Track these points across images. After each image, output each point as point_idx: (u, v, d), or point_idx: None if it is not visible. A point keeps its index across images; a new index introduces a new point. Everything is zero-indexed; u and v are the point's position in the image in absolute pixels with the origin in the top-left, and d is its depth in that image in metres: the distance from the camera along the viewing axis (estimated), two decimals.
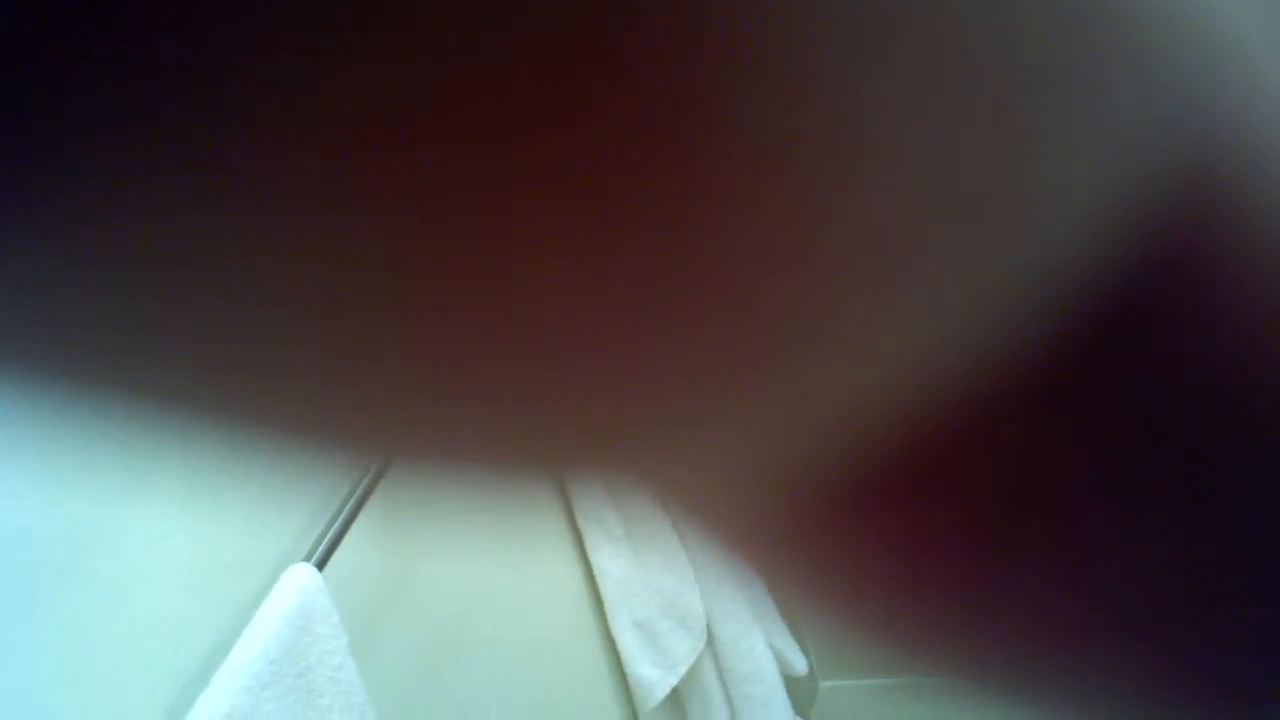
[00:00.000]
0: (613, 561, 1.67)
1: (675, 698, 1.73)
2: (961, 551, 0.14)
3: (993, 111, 0.09)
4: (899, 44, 0.09)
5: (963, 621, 0.15)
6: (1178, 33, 0.11)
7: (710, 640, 1.73)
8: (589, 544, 1.68)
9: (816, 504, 0.13)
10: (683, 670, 1.67)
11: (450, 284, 0.09)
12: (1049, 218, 0.11)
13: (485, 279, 0.09)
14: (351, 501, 1.12)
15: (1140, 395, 0.13)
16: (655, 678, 1.67)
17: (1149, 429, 0.13)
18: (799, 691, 1.90)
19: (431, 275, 0.09)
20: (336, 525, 1.10)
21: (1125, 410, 0.13)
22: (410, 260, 0.08)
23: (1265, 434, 0.14)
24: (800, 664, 1.86)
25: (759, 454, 0.12)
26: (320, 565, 1.06)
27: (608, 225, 0.09)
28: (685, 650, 1.68)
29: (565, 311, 0.09)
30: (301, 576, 1.03)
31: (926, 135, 0.09)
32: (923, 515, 0.14)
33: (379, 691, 1.10)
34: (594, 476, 0.12)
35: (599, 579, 1.68)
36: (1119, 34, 0.10)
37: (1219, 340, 0.13)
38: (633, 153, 0.08)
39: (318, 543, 1.08)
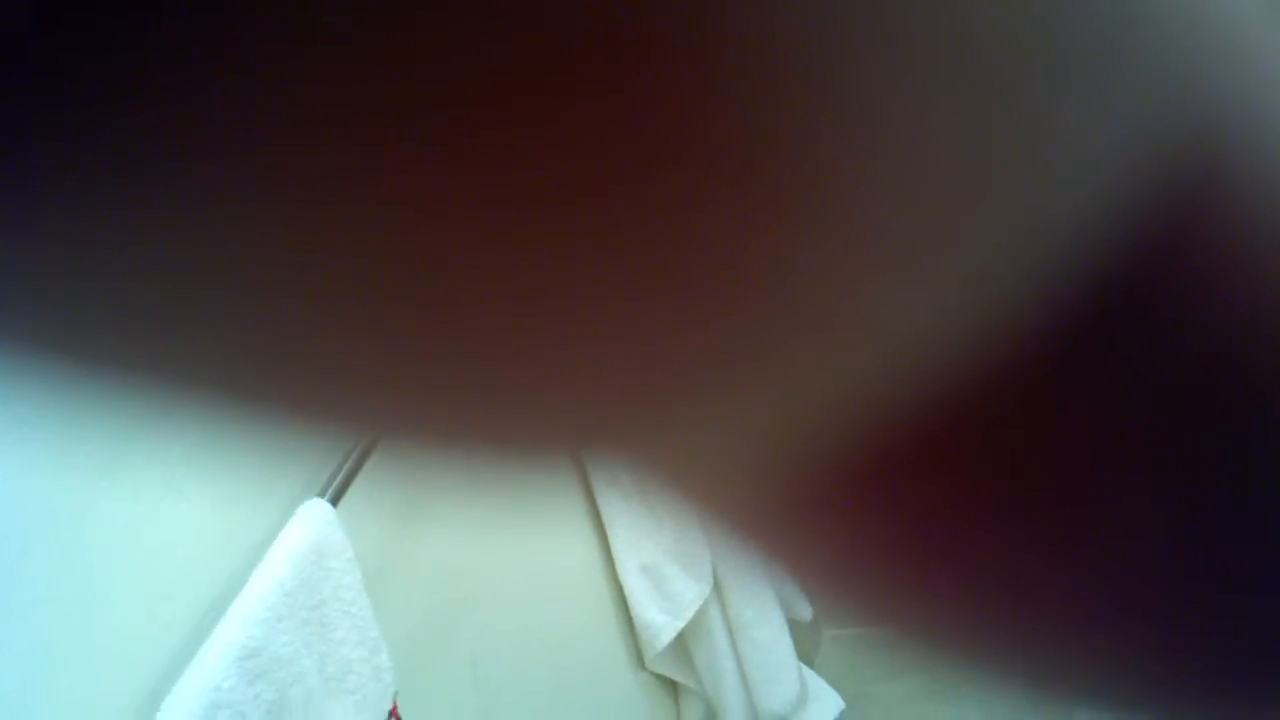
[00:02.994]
0: (620, 505, 1.68)
1: (681, 642, 1.74)
2: (964, 533, 0.14)
3: (994, 95, 0.09)
4: (903, 31, 0.09)
5: (965, 602, 0.15)
6: (1178, 13, 0.11)
7: (716, 585, 1.73)
8: (597, 488, 1.69)
9: (820, 486, 0.13)
10: (689, 615, 1.68)
11: (461, 274, 0.09)
12: (1050, 199, 0.11)
13: (497, 268, 0.09)
14: (366, 438, 1.11)
15: (1142, 376, 0.13)
16: (661, 622, 1.68)
17: (1151, 409, 0.13)
18: (804, 638, 1.91)
19: (444, 266, 0.09)
20: (350, 462, 1.10)
21: (1127, 391, 0.13)
22: (423, 250, 0.09)
23: (1267, 413, 0.14)
24: (806, 610, 1.87)
25: (763, 436, 0.12)
26: (334, 501, 1.06)
27: (614, 214, 0.09)
28: (692, 595, 1.69)
29: (571, 297, 0.09)
30: (316, 511, 1.03)
31: (929, 121, 0.09)
32: (926, 497, 0.14)
33: (392, 627, 1.11)
34: (598, 459, 0.13)
35: (606, 524, 1.69)
36: (1119, 15, 0.10)
37: (1221, 318, 0.13)
38: (644, 144, 0.08)
39: (331, 478, 1.08)
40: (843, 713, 1.82)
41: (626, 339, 0.10)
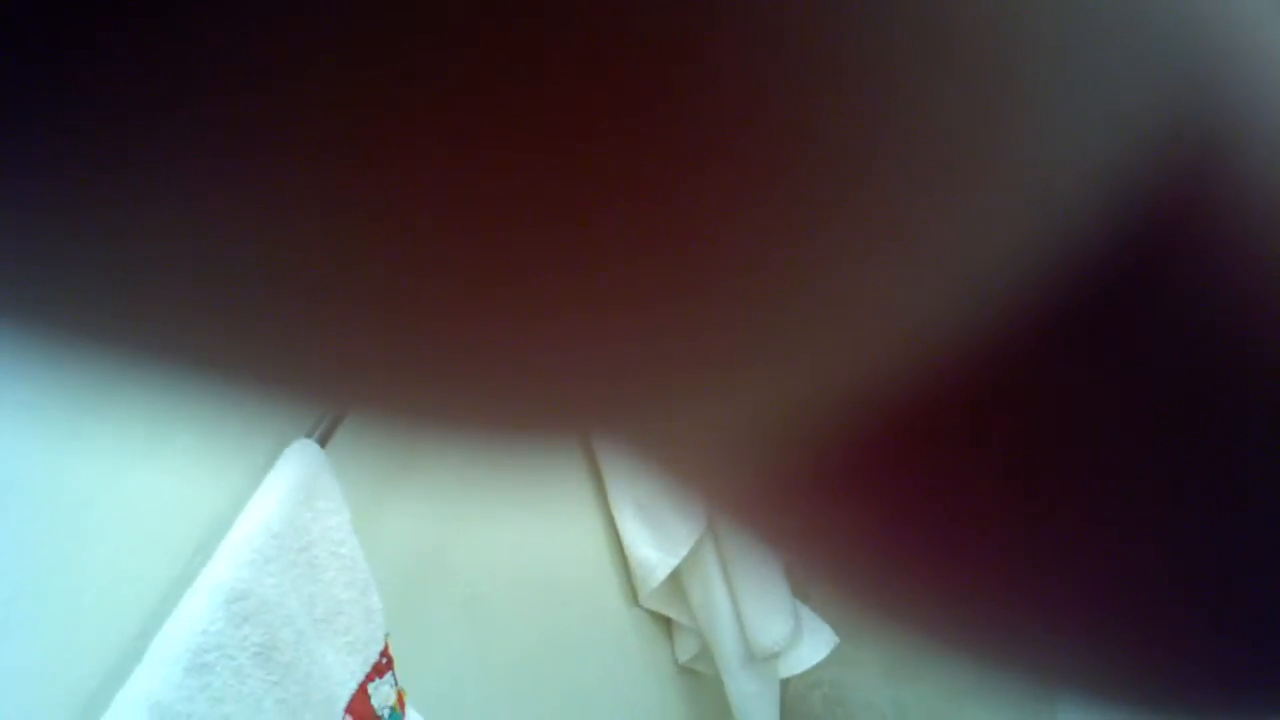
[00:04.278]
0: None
1: (675, 579, 1.75)
2: (958, 522, 0.14)
3: (990, 75, 0.09)
4: (900, 18, 0.08)
5: (959, 592, 0.15)
6: None
7: (710, 523, 1.74)
8: None
9: (815, 473, 0.13)
10: (683, 552, 1.68)
11: (465, 262, 0.09)
12: (1046, 181, 0.10)
13: (503, 258, 0.09)
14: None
15: (1143, 362, 0.13)
16: (656, 560, 1.68)
17: (1152, 396, 0.13)
18: (798, 576, 1.92)
19: (450, 254, 0.09)
20: None
21: (1128, 377, 0.13)
22: (430, 238, 0.09)
23: (1270, 400, 0.13)
24: None
25: (760, 424, 0.12)
26: (322, 442, 1.05)
27: (616, 208, 0.09)
28: (686, 533, 1.69)
29: (575, 288, 0.09)
30: (304, 452, 1.02)
31: (924, 104, 0.09)
32: (922, 486, 0.14)
33: (383, 568, 1.11)
34: (600, 444, 0.13)
35: (601, 461, 1.69)
36: None
37: (1223, 300, 0.13)
38: (644, 137, 0.08)
39: (320, 419, 1.07)
40: (837, 648, 1.83)
41: (627, 328, 0.10)
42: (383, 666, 1.06)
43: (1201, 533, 0.14)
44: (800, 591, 1.87)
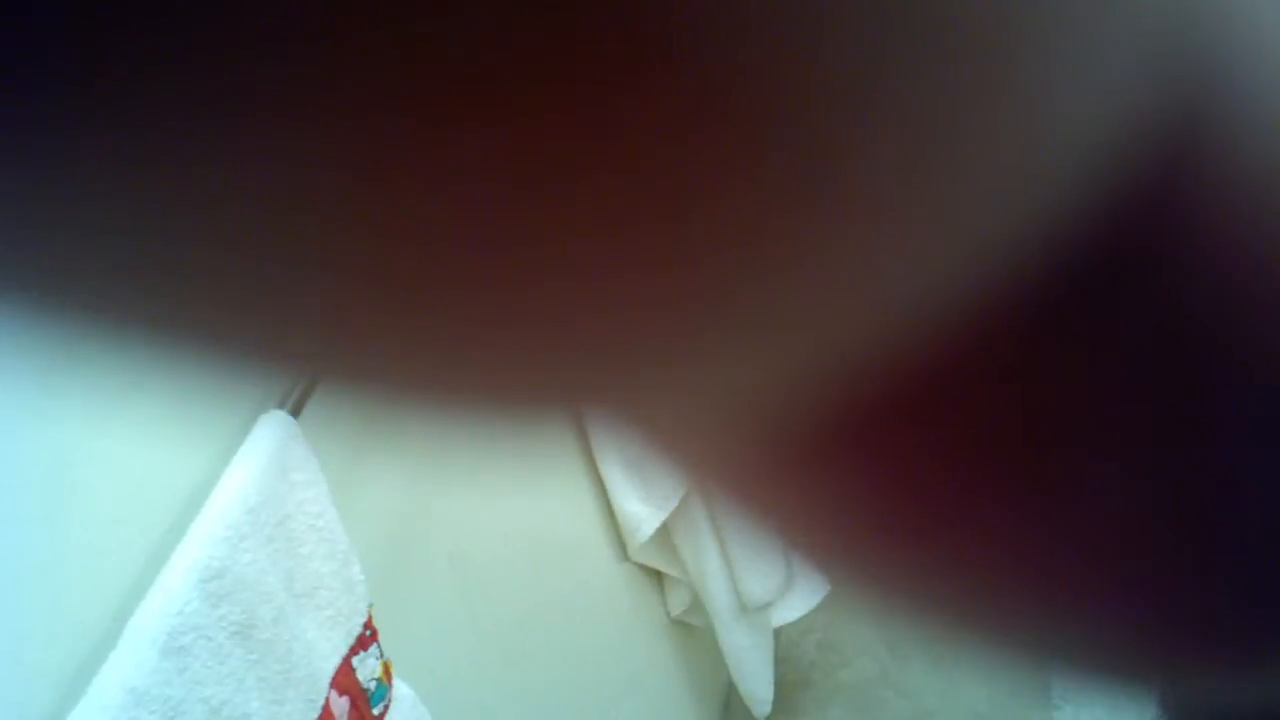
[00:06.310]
0: None
1: (665, 533, 1.74)
2: (955, 494, 0.14)
3: (980, 57, 0.09)
4: None
5: (953, 563, 0.15)
6: None
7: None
8: None
9: (810, 446, 0.13)
10: (672, 505, 1.68)
11: (462, 234, 0.09)
12: (1037, 154, 0.11)
13: (498, 232, 0.09)
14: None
15: (1139, 329, 0.13)
16: (644, 514, 1.68)
17: (1148, 363, 0.13)
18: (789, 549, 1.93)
19: (444, 225, 0.09)
20: None
21: (1123, 344, 0.13)
22: (423, 210, 0.09)
23: (1256, 372, 0.14)
24: None
25: (753, 396, 0.12)
26: (295, 412, 1.03)
27: (611, 182, 0.09)
28: (673, 485, 1.68)
29: (568, 261, 0.09)
30: (277, 424, 1.00)
31: (911, 75, 0.09)
32: (917, 456, 0.14)
33: (363, 538, 1.09)
34: (578, 411, 0.13)
35: (587, 415, 1.67)
36: None
37: (1217, 269, 0.13)
38: (643, 115, 0.08)
39: (291, 389, 1.04)
40: (827, 596, 1.83)
41: (617, 301, 0.10)
42: (367, 639, 1.05)
43: (1191, 506, 0.14)
44: None
